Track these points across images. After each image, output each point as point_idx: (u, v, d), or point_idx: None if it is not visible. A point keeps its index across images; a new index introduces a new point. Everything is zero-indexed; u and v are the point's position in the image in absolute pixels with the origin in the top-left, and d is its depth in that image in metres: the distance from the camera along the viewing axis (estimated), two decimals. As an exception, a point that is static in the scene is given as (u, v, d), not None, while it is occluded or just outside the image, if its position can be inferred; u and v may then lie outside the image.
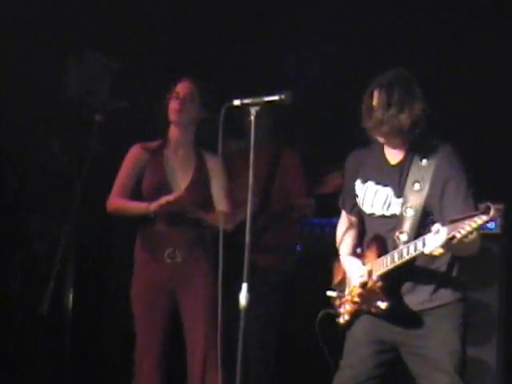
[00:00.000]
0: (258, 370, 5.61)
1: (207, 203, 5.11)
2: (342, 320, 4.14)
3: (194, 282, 5.08)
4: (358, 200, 4.13)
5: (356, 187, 4.11)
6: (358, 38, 5.98)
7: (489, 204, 3.51)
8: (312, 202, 5.61)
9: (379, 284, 3.93)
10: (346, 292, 4.14)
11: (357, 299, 4.08)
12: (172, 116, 5.07)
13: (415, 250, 3.76)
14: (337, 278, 4.29)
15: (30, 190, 5.99)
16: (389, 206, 3.98)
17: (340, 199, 4.36)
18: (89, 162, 4.95)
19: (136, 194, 5.07)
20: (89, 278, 5.58)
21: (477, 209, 3.66)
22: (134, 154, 5.08)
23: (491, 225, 5.18)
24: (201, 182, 5.14)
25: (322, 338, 4.22)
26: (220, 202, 5.12)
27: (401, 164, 3.95)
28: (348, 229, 4.30)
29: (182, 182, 5.09)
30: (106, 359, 5.53)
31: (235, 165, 5.29)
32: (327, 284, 4.46)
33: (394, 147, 3.99)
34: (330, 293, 4.27)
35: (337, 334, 4.27)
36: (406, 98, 3.90)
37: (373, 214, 4.03)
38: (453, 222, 3.63)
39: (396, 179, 3.95)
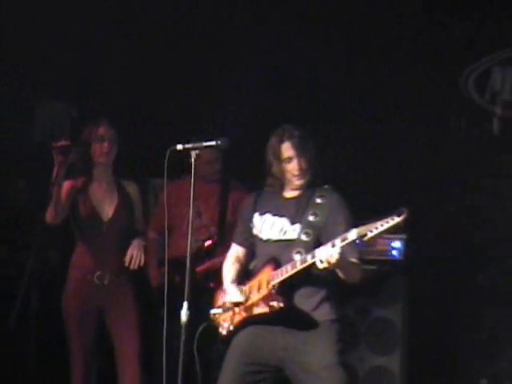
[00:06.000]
0: None
1: (133, 225, 5.21)
2: (225, 332, 4.25)
3: (121, 303, 5.11)
4: (254, 230, 4.31)
5: (254, 220, 4.30)
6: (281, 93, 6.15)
7: (403, 209, 3.73)
8: None
9: (276, 289, 4.08)
10: (237, 309, 4.23)
11: (243, 313, 4.19)
12: (101, 158, 5.08)
13: (310, 259, 3.95)
14: (220, 301, 4.37)
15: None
16: (285, 232, 4.19)
17: (235, 234, 4.50)
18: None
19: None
20: (49, 295, 5.43)
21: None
22: (67, 187, 5.07)
23: (396, 253, 5.59)
24: (125, 208, 5.20)
25: (198, 350, 4.28)
26: (140, 225, 5.25)
27: (297, 199, 4.24)
28: (235, 261, 4.42)
29: (109, 209, 5.14)
30: (64, 361, 5.36)
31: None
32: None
33: (293, 186, 4.26)
34: (214, 311, 4.34)
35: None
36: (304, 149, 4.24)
37: (269, 239, 4.22)
38: (362, 225, 3.86)
39: (291, 210, 4.21)
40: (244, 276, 4.39)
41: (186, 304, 4.01)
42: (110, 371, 5.16)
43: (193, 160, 4.14)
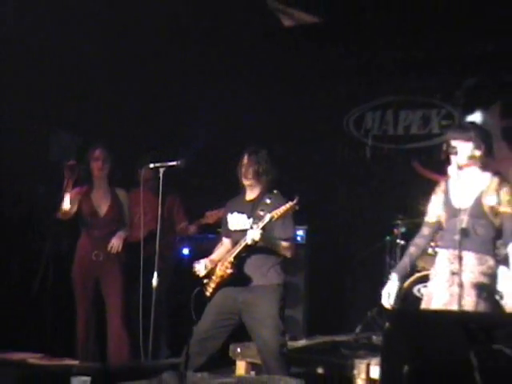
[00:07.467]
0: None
1: (122, 220, 5.83)
2: (208, 293, 4.94)
3: (111, 274, 5.72)
4: (229, 225, 4.96)
5: (228, 218, 5.00)
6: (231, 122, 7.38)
7: (295, 196, 4.56)
8: (186, 225, 6.43)
9: (230, 259, 4.80)
10: (213, 278, 4.90)
11: (217, 279, 4.90)
12: (96, 173, 5.72)
13: (245, 240, 4.70)
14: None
15: (22, 217, 6.46)
16: (244, 224, 4.89)
17: (221, 231, 5.14)
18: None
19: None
20: (62, 269, 5.84)
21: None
22: (74, 193, 5.66)
23: (300, 238, 6.64)
24: (116, 208, 5.76)
25: (193, 306, 4.79)
26: (127, 219, 5.89)
27: (253, 201, 4.92)
28: (222, 246, 5.08)
29: (104, 209, 5.74)
30: (72, 314, 5.82)
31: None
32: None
33: (252, 191, 4.91)
34: (205, 280, 4.97)
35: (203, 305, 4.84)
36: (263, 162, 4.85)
37: (235, 230, 4.93)
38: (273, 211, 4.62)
39: (249, 208, 4.89)
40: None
41: (155, 273, 4.84)
42: (103, 320, 5.84)
43: (161, 175, 4.78)
